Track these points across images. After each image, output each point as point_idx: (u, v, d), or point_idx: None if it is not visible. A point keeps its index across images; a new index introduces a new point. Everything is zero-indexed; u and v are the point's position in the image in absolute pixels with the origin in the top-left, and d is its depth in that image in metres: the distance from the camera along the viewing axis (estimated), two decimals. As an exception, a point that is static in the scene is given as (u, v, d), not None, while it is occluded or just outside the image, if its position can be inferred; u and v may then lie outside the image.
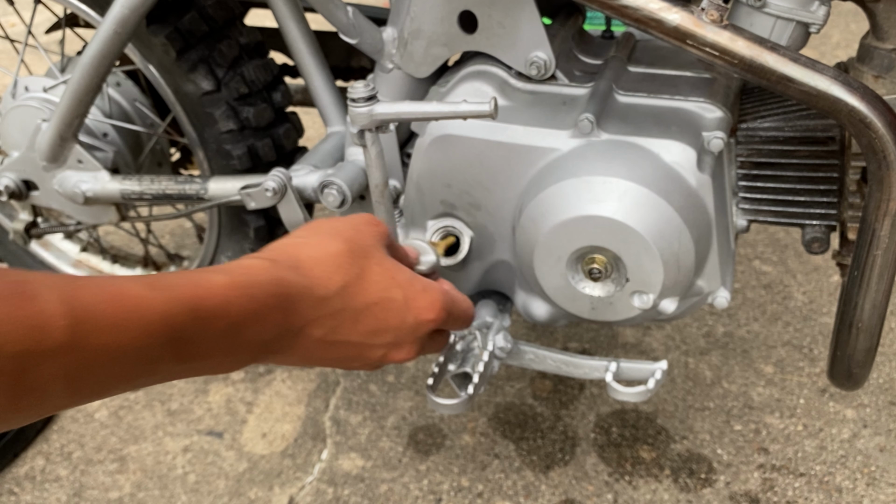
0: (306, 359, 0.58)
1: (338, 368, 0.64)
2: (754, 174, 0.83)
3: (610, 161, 0.75)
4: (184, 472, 1.19)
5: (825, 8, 0.70)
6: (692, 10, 0.65)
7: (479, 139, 0.80)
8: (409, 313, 0.61)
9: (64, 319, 0.39)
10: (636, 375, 0.85)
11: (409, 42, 0.85)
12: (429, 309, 0.62)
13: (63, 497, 1.16)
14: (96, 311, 0.41)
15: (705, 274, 0.80)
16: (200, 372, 0.50)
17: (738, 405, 1.23)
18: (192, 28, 1.04)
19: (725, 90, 0.82)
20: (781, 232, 1.60)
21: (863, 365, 0.77)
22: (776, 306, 1.42)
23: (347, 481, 1.16)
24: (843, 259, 0.83)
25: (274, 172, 0.88)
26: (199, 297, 0.46)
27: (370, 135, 0.74)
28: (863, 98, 0.63)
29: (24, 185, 1.09)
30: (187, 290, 0.46)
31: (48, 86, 1.10)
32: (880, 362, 1.29)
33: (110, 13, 0.90)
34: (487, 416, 1.24)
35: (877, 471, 1.12)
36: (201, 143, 1.09)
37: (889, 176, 0.64)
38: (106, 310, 0.41)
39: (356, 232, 0.61)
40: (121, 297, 0.42)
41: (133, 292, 0.43)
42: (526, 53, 0.81)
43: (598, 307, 0.80)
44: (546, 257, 0.78)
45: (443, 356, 0.85)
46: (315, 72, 0.99)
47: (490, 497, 1.12)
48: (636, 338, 1.37)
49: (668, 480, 1.13)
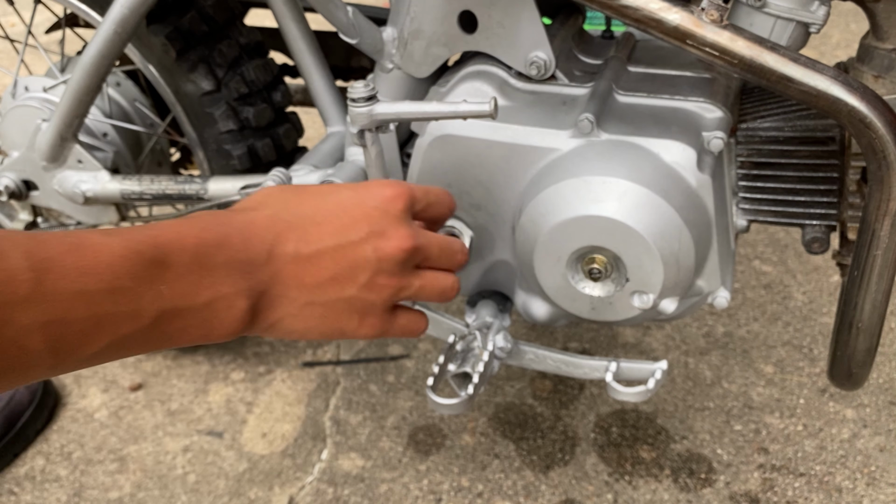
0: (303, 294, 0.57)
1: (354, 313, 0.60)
2: (754, 174, 0.83)
3: (610, 161, 0.75)
4: (184, 472, 1.19)
5: (825, 8, 0.70)
6: (692, 10, 0.65)
7: (479, 139, 0.80)
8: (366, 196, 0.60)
9: (29, 272, 0.42)
10: (636, 375, 0.85)
11: (409, 42, 0.85)
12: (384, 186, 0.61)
13: (63, 497, 1.16)
14: (59, 260, 0.43)
15: (705, 274, 0.80)
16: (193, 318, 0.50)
17: (738, 405, 1.23)
18: (192, 28, 1.04)
19: (725, 90, 0.82)
20: (781, 232, 1.60)
21: (863, 365, 0.77)
22: (776, 306, 1.42)
23: (347, 481, 1.16)
24: (843, 259, 0.83)
25: (274, 172, 0.88)
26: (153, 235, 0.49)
27: (370, 135, 0.74)
28: (863, 98, 0.63)
29: (23, 185, 1.09)
30: (142, 232, 0.49)
31: (48, 86, 1.10)
32: (880, 362, 1.29)
33: (110, 13, 0.90)
34: (487, 416, 1.24)
35: (877, 471, 1.12)
36: (201, 143, 1.09)
37: (889, 176, 0.64)
38: (67, 258, 0.44)
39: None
40: (80, 245, 0.45)
41: (92, 240, 0.46)
42: (526, 53, 0.81)
43: (598, 307, 0.80)
44: (546, 257, 0.78)
45: (443, 356, 0.85)
46: (315, 72, 0.99)
47: (490, 497, 1.12)
48: (636, 338, 1.37)
49: (668, 480, 1.13)
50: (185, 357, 1.40)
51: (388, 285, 0.60)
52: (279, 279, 0.55)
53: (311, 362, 1.37)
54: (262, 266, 0.54)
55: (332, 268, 0.57)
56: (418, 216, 0.65)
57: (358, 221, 0.59)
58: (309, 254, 0.57)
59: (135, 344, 0.48)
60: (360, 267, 0.58)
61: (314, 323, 0.58)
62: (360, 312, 0.60)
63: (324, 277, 0.57)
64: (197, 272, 0.50)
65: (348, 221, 0.58)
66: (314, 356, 1.39)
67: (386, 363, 1.36)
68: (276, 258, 0.55)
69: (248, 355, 1.39)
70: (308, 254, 0.57)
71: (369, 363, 1.36)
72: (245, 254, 0.53)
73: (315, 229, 0.57)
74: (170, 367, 1.38)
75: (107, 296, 0.45)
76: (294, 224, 0.57)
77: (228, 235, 0.53)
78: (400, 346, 1.39)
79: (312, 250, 0.57)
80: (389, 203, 0.60)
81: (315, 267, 0.57)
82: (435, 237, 0.64)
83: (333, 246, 0.57)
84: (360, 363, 1.36)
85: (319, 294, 0.57)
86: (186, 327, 0.50)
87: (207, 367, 1.37)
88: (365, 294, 0.59)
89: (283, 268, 0.56)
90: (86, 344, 0.45)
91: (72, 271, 0.44)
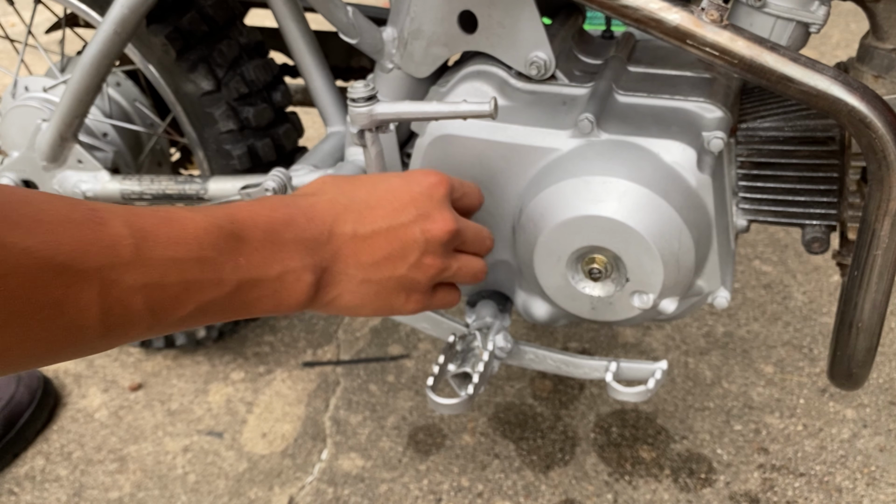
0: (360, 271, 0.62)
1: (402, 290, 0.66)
2: (754, 174, 0.83)
3: (610, 161, 0.75)
4: (184, 472, 1.19)
5: (825, 8, 0.70)
6: (692, 10, 0.65)
7: (479, 139, 0.80)
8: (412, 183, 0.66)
9: (130, 238, 0.46)
10: (636, 375, 0.85)
11: (409, 42, 0.85)
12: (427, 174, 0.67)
13: (63, 497, 1.16)
14: (153, 230, 0.48)
15: (705, 274, 0.80)
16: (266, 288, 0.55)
17: (738, 405, 1.23)
18: (192, 28, 1.04)
19: (725, 90, 0.82)
20: (781, 232, 1.60)
21: (863, 365, 0.77)
22: (776, 306, 1.42)
23: (347, 481, 1.16)
24: (843, 259, 0.83)
25: (274, 172, 0.88)
26: (231, 213, 0.55)
27: (370, 135, 0.74)
28: (863, 98, 0.63)
29: (24, 186, 1.09)
30: (221, 209, 0.55)
31: (48, 86, 1.10)
32: (880, 362, 1.29)
33: (110, 13, 0.90)
34: (487, 416, 1.24)
35: (877, 471, 1.12)
36: (201, 143, 1.09)
37: (889, 176, 0.64)
38: (160, 229, 0.48)
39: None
40: (170, 218, 0.50)
41: (179, 214, 0.51)
42: (526, 53, 0.81)
43: (598, 307, 0.80)
44: (546, 257, 0.78)
45: (443, 356, 0.85)
46: (315, 72, 0.99)
47: (490, 497, 1.12)
48: (636, 338, 1.37)
49: (668, 480, 1.13)
50: (185, 357, 1.40)
51: (434, 265, 0.66)
52: (339, 257, 0.61)
53: (311, 362, 1.37)
54: (324, 244, 0.60)
55: (386, 247, 0.63)
56: (453, 205, 0.70)
57: (406, 205, 0.64)
58: (365, 234, 0.62)
59: (217, 309, 0.53)
60: (410, 247, 0.64)
61: (368, 300, 0.64)
62: (407, 290, 0.66)
63: (379, 256, 0.63)
64: (269, 247, 0.55)
65: (398, 205, 0.64)
66: (314, 356, 1.39)
67: (386, 363, 1.36)
68: (336, 237, 0.61)
69: (248, 355, 1.40)
70: (364, 234, 0.62)
71: (369, 363, 1.36)
72: (309, 232, 0.59)
73: (369, 212, 0.63)
74: (170, 367, 1.38)
75: (194, 264, 0.50)
76: (350, 207, 0.62)
77: (294, 216, 0.58)
78: (400, 346, 1.39)
79: (368, 231, 0.62)
80: (433, 188, 0.66)
81: (371, 247, 0.62)
82: (469, 223, 0.70)
83: (386, 227, 0.63)
84: (360, 363, 1.36)
85: (374, 272, 0.63)
86: (261, 297, 0.55)
87: (207, 367, 1.37)
88: (413, 273, 0.65)
89: (343, 247, 0.61)
90: (177, 307, 0.49)
91: (164, 240, 0.48)
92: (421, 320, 0.92)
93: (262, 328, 1.46)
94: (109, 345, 0.47)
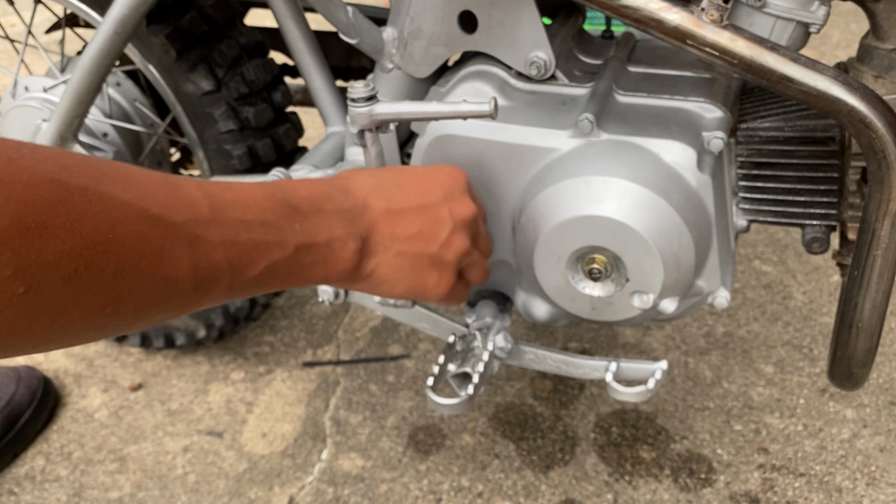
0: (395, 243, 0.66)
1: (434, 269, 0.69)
2: (754, 174, 0.83)
3: (610, 161, 0.75)
4: (184, 472, 1.19)
5: (825, 8, 0.70)
6: (692, 10, 0.65)
7: (479, 139, 0.80)
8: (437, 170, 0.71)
9: (205, 199, 0.50)
10: (636, 375, 0.85)
11: (409, 42, 0.85)
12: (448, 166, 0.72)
13: (63, 497, 1.16)
14: (220, 194, 0.52)
15: (705, 274, 0.80)
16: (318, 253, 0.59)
17: (738, 405, 1.23)
18: (192, 28, 1.04)
19: (725, 90, 0.82)
20: (781, 232, 1.60)
21: (863, 365, 0.77)
22: (776, 306, 1.42)
23: (347, 481, 1.16)
24: (843, 259, 0.83)
25: (274, 172, 0.89)
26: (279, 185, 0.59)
27: (370, 135, 0.74)
28: (863, 98, 0.63)
29: (24, 185, 1.09)
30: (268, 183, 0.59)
31: (48, 86, 1.10)
32: (880, 362, 1.29)
33: (110, 13, 0.90)
34: (487, 416, 1.24)
35: (877, 471, 1.12)
36: (201, 142, 1.09)
37: (889, 176, 0.64)
38: (226, 194, 0.53)
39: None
40: (231, 186, 0.54)
41: (237, 184, 0.55)
42: (526, 53, 0.81)
43: (598, 307, 0.80)
44: (546, 257, 0.78)
45: (443, 356, 0.85)
46: (315, 72, 0.99)
47: (490, 497, 1.12)
48: (636, 338, 1.37)
49: (668, 480, 1.13)
50: (185, 357, 1.40)
51: (462, 245, 0.70)
52: (376, 228, 0.65)
53: (311, 362, 1.37)
54: (360, 215, 0.64)
55: (418, 223, 0.67)
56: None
57: (434, 188, 0.69)
58: (397, 209, 0.66)
59: (283, 272, 0.56)
60: (440, 225, 0.68)
61: (403, 273, 0.67)
62: (439, 269, 0.69)
63: (412, 231, 0.67)
64: (316, 216, 0.59)
65: (426, 187, 0.68)
66: (314, 356, 1.39)
67: (386, 363, 1.36)
68: (371, 209, 0.65)
69: (249, 355, 1.40)
70: (396, 209, 0.66)
71: (369, 363, 1.36)
72: (347, 204, 0.63)
73: (399, 191, 0.67)
74: (170, 367, 1.38)
75: (259, 226, 0.54)
76: (381, 187, 0.67)
77: (330, 191, 0.63)
78: (400, 346, 1.39)
79: (400, 206, 0.66)
80: (457, 176, 0.71)
81: (404, 221, 0.66)
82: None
83: (417, 206, 0.67)
84: (360, 363, 1.36)
85: (408, 245, 0.66)
86: (314, 262, 0.59)
87: (207, 367, 1.37)
88: (443, 252, 0.69)
89: (378, 218, 0.65)
90: (251, 266, 0.53)
91: (231, 203, 0.52)
92: (421, 320, 0.92)
93: (263, 328, 1.46)
94: (199, 302, 0.50)
